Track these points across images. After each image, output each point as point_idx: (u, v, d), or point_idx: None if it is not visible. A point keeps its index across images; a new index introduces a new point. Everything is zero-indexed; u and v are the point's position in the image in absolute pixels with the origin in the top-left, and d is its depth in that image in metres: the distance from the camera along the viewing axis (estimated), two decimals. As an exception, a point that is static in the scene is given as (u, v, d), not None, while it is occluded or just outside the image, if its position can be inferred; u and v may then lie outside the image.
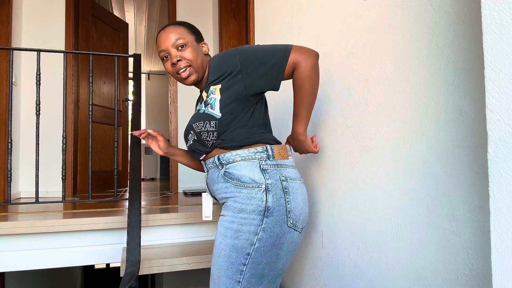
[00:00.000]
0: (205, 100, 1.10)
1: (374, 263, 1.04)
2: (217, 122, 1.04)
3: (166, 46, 1.13)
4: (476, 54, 0.71)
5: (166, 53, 1.14)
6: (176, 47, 1.12)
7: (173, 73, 1.15)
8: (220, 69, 1.07)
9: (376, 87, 1.03)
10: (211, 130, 1.06)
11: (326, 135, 1.33)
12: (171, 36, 1.12)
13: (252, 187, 1.01)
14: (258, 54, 1.02)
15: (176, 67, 1.13)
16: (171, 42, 1.12)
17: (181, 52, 1.12)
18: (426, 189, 0.84)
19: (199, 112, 1.11)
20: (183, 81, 1.15)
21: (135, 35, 5.91)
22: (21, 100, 3.16)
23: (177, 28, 1.15)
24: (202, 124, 1.07)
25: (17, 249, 1.91)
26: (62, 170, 2.24)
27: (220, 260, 1.03)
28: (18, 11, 3.10)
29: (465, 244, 0.74)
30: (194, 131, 1.11)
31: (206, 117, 1.06)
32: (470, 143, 0.73)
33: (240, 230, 1.00)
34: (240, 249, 1.00)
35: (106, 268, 7.96)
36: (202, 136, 1.09)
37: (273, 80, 1.02)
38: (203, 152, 1.14)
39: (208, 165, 1.16)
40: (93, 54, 2.34)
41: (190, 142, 1.17)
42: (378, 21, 1.03)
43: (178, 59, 1.11)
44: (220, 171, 1.08)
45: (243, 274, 1.00)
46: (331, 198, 1.29)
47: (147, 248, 1.99)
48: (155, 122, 7.40)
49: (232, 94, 1.04)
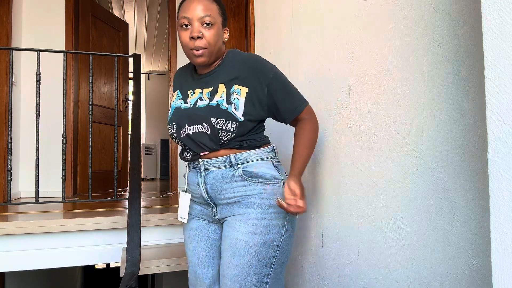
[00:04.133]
0: (226, 97, 1.05)
1: (374, 263, 1.04)
2: (237, 125, 1.05)
3: (192, 16, 1.03)
4: (476, 54, 0.71)
5: (188, 22, 1.04)
6: (202, 22, 1.03)
7: (187, 45, 1.06)
8: (250, 73, 1.07)
9: (376, 87, 1.03)
10: (230, 131, 1.05)
11: (326, 135, 1.33)
12: (201, 8, 1.03)
13: (274, 183, 1.09)
14: (286, 88, 1.11)
15: (193, 42, 1.04)
16: (199, 15, 1.03)
17: (205, 30, 1.04)
18: (426, 189, 0.84)
19: (219, 108, 1.04)
20: (193, 58, 1.07)
21: (135, 35, 5.91)
22: (21, 100, 3.16)
23: (211, 3, 1.06)
24: (223, 122, 1.04)
25: (17, 249, 1.91)
26: (62, 170, 2.24)
27: (248, 259, 1.04)
28: (18, 11, 3.10)
29: (465, 244, 0.74)
30: (210, 126, 1.04)
31: (229, 116, 1.04)
32: (470, 143, 0.73)
33: (271, 225, 1.06)
34: (271, 243, 1.06)
35: (106, 268, 7.96)
36: (219, 134, 1.05)
37: (286, 119, 1.14)
38: (208, 149, 1.08)
39: (209, 164, 1.09)
40: (93, 54, 2.34)
41: (192, 131, 1.07)
42: (378, 21, 1.03)
43: (199, 35, 1.03)
44: (237, 170, 1.08)
45: (272, 266, 1.07)
46: (331, 198, 1.29)
47: (147, 248, 1.99)
48: (155, 122, 7.40)
49: (256, 105, 1.08)
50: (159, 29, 5.69)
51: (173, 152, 3.54)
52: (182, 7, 1.07)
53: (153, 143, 6.90)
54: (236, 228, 1.07)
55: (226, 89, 1.07)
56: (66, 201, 2.35)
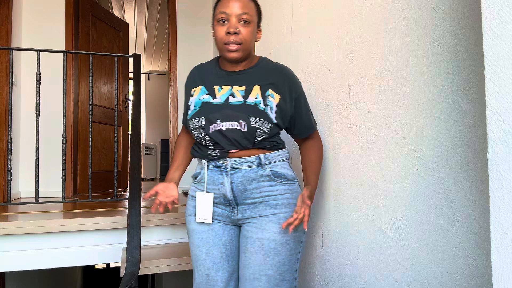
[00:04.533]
0: (263, 100, 1.08)
1: (374, 263, 1.04)
2: (271, 127, 1.08)
3: (231, 12, 1.04)
4: (476, 54, 0.71)
5: (226, 18, 1.05)
6: (239, 19, 1.05)
7: (221, 39, 1.06)
8: (284, 82, 1.13)
9: (376, 87, 1.03)
10: (266, 132, 1.08)
11: (326, 135, 1.33)
12: (240, 5, 1.05)
13: (294, 183, 1.15)
14: (307, 106, 1.20)
15: (229, 36, 1.05)
16: (237, 12, 1.04)
17: (241, 27, 1.05)
18: (426, 189, 0.84)
19: (257, 107, 1.06)
20: (227, 52, 1.07)
21: (135, 35, 5.90)
22: (21, 100, 3.15)
23: (249, 2, 1.08)
24: (261, 122, 1.06)
25: (17, 249, 1.91)
26: (62, 170, 2.24)
27: (281, 258, 1.09)
28: (18, 11, 3.10)
29: (465, 244, 0.74)
30: (248, 124, 1.05)
31: (266, 117, 1.07)
32: (470, 143, 0.73)
33: None
34: (298, 239, 1.13)
35: (106, 268, 7.96)
36: (256, 133, 1.06)
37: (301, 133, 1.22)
38: (240, 147, 1.08)
39: (237, 163, 1.09)
40: (93, 54, 2.34)
41: (226, 127, 1.06)
42: (378, 21, 1.03)
43: (236, 31, 1.04)
44: (265, 170, 1.10)
45: (298, 261, 1.15)
46: (331, 198, 1.29)
47: (147, 248, 1.99)
48: (155, 122, 7.40)
49: (283, 113, 1.12)
50: (159, 29, 5.69)
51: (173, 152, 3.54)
52: (220, 3, 1.08)
53: (153, 143, 6.90)
54: (267, 229, 1.09)
55: (261, 92, 1.09)
56: (66, 201, 2.35)
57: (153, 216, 2.05)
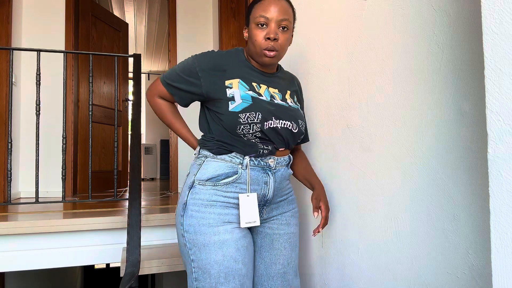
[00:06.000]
0: (294, 106, 1.14)
1: (374, 263, 1.04)
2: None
3: (272, 17, 1.02)
4: (476, 54, 0.71)
5: (266, 22, 1.02)
6: (279, 25, 1.03)
7: (260, 44, 1.03)
8: (300, 92, 1.24)
9: (376, 87, 1.03)
10: (303, 135, 1.18)
11: (326, 135, 1.33)
12: (281, 11, 1.03)
13: None
14: None
15: (269, 42, 1.02)
16: (278, 17, 1.02)
17: (280, 33, 1.04)
18: (426, 189, 0.84)
19: (300, 111, 1.15)
20: (263, 57, 1.05)
21: (135, 35, 5.91)
22: (21, 100, 3.16)
23: (289, 8, 1.06)
24: (304, 126, 1.17)
25: (17, 249, 1.91)
26: (62, 170, 2.24)
27: (298, 248, 1.19)
28: (18, 11, 3.10)
29: (465, 244, 0.74)
30: (298, 125, 1.11)
31: (304, 122, 1.17)
32: (470, 143, 0.73)
33: None
34: None
35: (106, 268, 7.96)
36: (300, 136, 1.14)
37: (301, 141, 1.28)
38: (287, 146, 1.11)
39: (279, 162, 1.09)
40: (93, 54, 2.34)
41: (280, 126, 1.06)
42: (378, 21, 1.03)
43: (276, 37, 1.02)
44: (289, 170, 1.16)
45: None
46: (331, 198, 1.29)
47: (147, 248, 1.99)
48: (155, 122, 7.40)
49: None
50: (159, 29, 5.69)
51: (173, 152, 3.54)
52: (260, 5, 1.04)
53: (153, 143, 6.91)
54: (291, 224, 1.17)
55: (291, 97, 1.15)
56: (66, 201, 2.35)
57: (153, 216, 2.05)
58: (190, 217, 1.03)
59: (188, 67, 1.08)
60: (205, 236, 1.00)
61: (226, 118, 1.03)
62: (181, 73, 1.09)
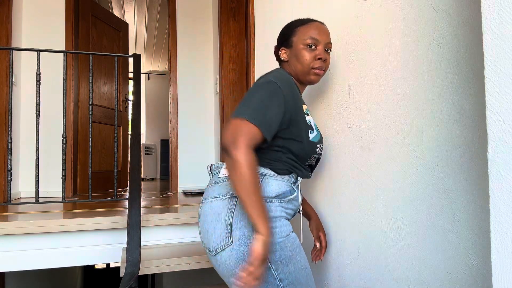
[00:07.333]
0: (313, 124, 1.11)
1: (374, 263, 1.04)
2: None
3: (322, 39, 1.09)
4: (476, 54, 0.71)
5: (315, 44, 1.09)
6: (326, 48, 1.11)
7: (310, 64, 1.08)
8: None
9: (376, 87, 1.03)
10: None
11: (326, 135, 1.33)
12: (328, 34, 1.12)
13: None
14: None
15: (319, 62, 1.09)
16: (326, 40, 1.10)
17: (326, 55, 1.11)
18: (426, 189, 0.84)
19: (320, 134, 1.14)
20: (313, 76, 1.10)
21: (135, 35, 5.90)
22: (21, 100, 3.15)
23: (329, 33, 1.15)
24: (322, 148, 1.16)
25: (17, 249, 1.90)
26: (62, 170, 2.24)
27: None
28: (18, 11, 3.10)
29: (465, 244, 0.74)
30: (319, 151, 1.13)
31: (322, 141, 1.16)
32: (470, 143, 0.73)
33: None
34: None
35: (106, 268, 7.96)
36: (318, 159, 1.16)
37: None
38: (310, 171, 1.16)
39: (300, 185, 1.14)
40: (93, 54, 2.34)
41: (315, 158, 1.13)
42: (378, 21, 1.03)
43: (325, 58, 1.10)
44: None
45: None
46: (331, 198, 1.28)
47: (147, 248, 1.99)
48: (155, 122, 7.40)
49: None
50: (159, 29, 5.69)
51: (173, 152, 3.54)
52: (310, 27, 1.10)
53: (153, 143, 6.90)
54: None
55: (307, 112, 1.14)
56: (66, 201, 2.35)
57: (153, 216, 2.05)
58: None
59: (275, 92, 0.98)
60: (289, 247, 0.98)
61: (304, 147, 1.04)
62: (267, 101, 0.95)
